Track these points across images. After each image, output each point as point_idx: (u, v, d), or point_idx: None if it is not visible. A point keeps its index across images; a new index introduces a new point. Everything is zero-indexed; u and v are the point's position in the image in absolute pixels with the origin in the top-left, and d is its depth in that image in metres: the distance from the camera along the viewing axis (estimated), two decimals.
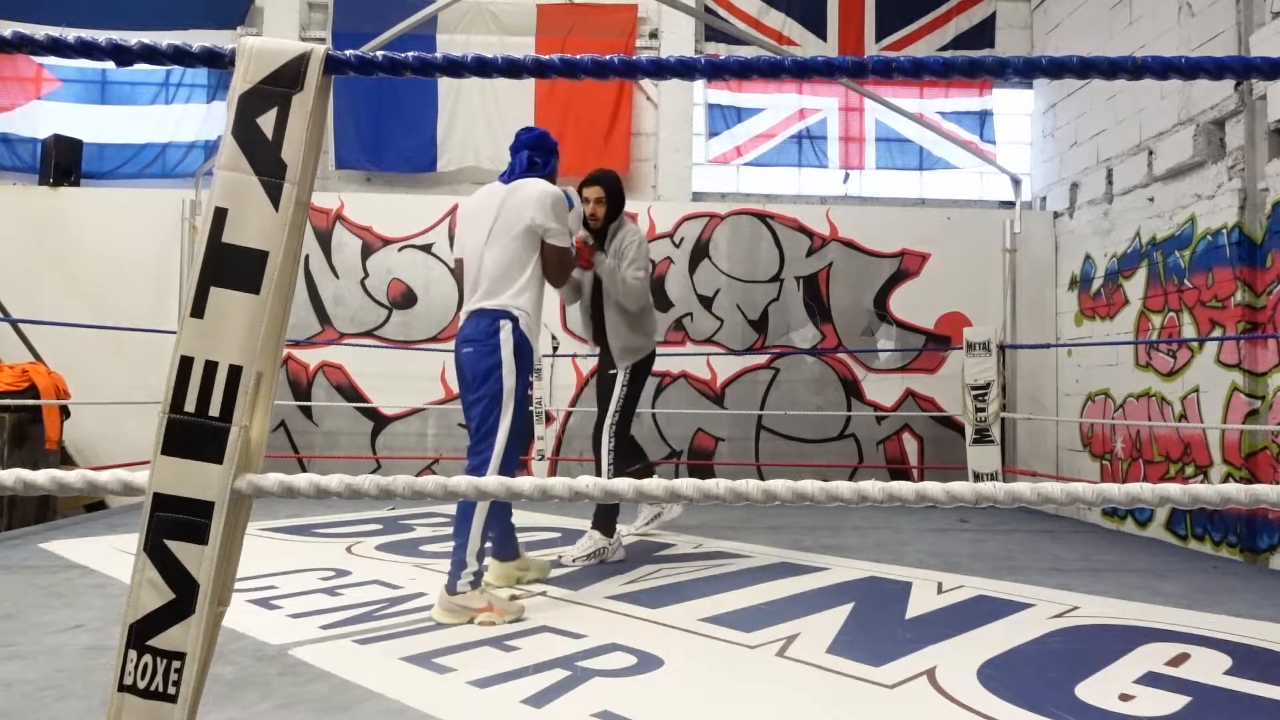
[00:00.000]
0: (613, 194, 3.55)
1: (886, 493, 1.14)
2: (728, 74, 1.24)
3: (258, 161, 1.16)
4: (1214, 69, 1.20)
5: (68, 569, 3.39)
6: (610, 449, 3.59)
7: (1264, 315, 4.34)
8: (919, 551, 4.02)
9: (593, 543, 3.61)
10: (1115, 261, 5.56)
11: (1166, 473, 4.91)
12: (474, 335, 2.83)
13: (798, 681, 2.18)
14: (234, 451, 1.13)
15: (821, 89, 6.90)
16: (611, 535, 3.64)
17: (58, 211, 6.21)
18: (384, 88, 6.56)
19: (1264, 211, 4.36)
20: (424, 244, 6.42)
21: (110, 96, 6.67)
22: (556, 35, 6.63)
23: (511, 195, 2.86)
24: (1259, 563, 4.20)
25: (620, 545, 3.71)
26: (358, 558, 3.67)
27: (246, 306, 1.15)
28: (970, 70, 1.25)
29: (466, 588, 2.66)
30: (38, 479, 1.14)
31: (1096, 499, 1.15)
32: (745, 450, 6.40)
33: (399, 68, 1.22)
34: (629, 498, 1.16)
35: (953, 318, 6.39)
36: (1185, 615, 2.92)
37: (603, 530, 3.63)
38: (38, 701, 1.94)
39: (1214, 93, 4.65)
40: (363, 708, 1.95)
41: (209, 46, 1.21)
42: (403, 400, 6.27)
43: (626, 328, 3.60)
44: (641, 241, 3.57)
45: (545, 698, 2.01)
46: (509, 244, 2.82)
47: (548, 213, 2.80)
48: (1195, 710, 2.01)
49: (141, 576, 1.11)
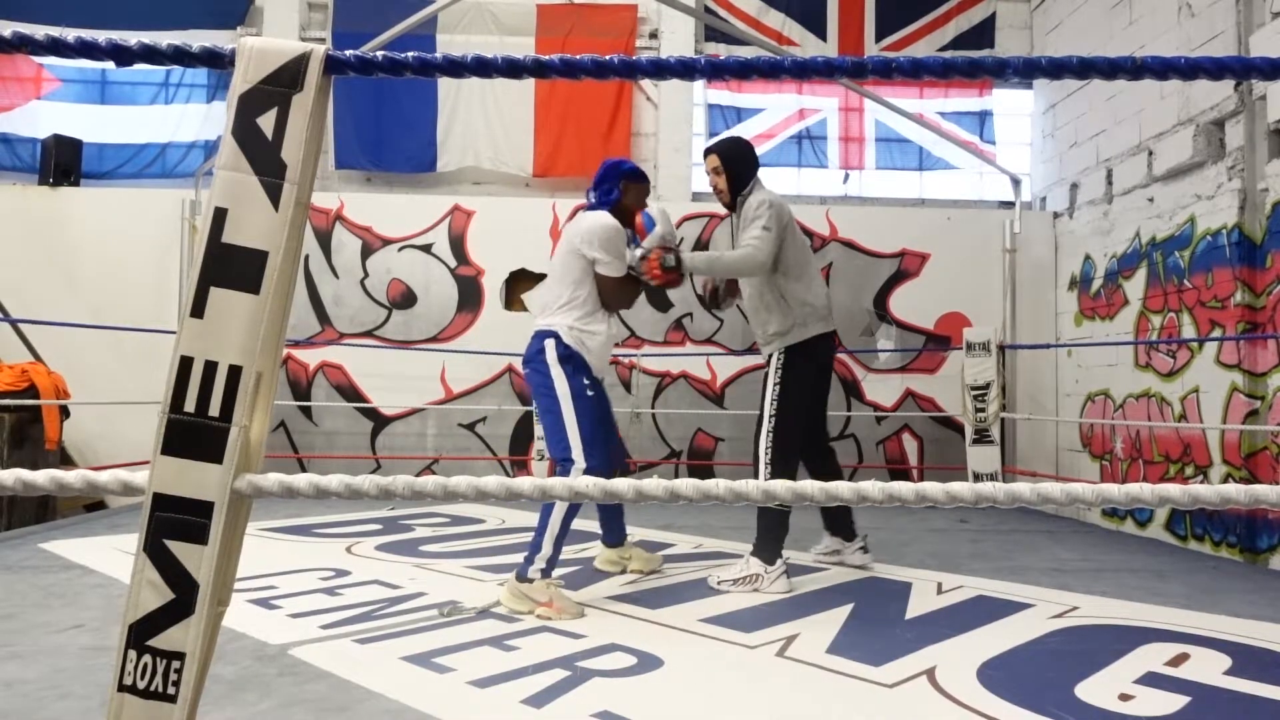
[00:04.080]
0: (731, 161, 3.25)
1: (886, 493, 1.14)
2: (728, 74, 1.24)
3: (258, 161, 1.16)
4: (1214, 69, 1.20)
5: (68, 569, 3.39)
6: (767, 461, 3.17)
7: (1264, 315, 4.34)
8: (919, 551, 4.02)
9: (746, 568, 3.18)
10: (1115, 262, 5.56)
11: (1166, 473, 4.91)
12: (527, 356, 3.05)
13: (798, 681, 2.18)
14: (234, 451, 1.13)
15: (821, 89, 6.90)
16: (772, 562, 3.16)
17: (57, 211, 6.21)
18: (384, 88, 6.56)
19: (1264, 212, 4.36)
20: (424, 244, 6.42)
21: (110, 96, 6.67)
22: (556, 35, 6.63)
23: (571, 226, 3.12)
24: (1259, 563, 4.20)
25: (782, 575, 3.16)
26: (357, 558, 3.67)
27: (246, 306, 1.14)
28: (970, 70, 1.25)
29: (536, 575, 2.78)
30: (37, 479, 1.14)
31: (1096, 499, 1.15)
32: (745, 450, 6.33)
33: (399, 68, 1.22)
34: (629, 498, 1.16)
35: (952, 318, 6.39)
36: (1185, 615, 2.92)
37: (762, 557, 3.17)
38: (38, 701, 1.94)
39: (1214, 93, 4.65)
40: (362, 708, 1.95)
41: (209, 46, 1.21)
42: (402, 400, 6.28)
43: (765, 309, 3.23)
44: (763, 202, 3.16)
45: (545, 698, 2.01)
46: (560, 269, 3.05)
47: (593, 243, 2.97)
48: (1195, 710, 2.01)
49: (141, 576, 1.11)
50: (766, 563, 3.16)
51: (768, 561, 3.16)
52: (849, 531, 3.54)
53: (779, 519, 3.21)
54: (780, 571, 3.16)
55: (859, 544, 3.54)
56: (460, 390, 6.34)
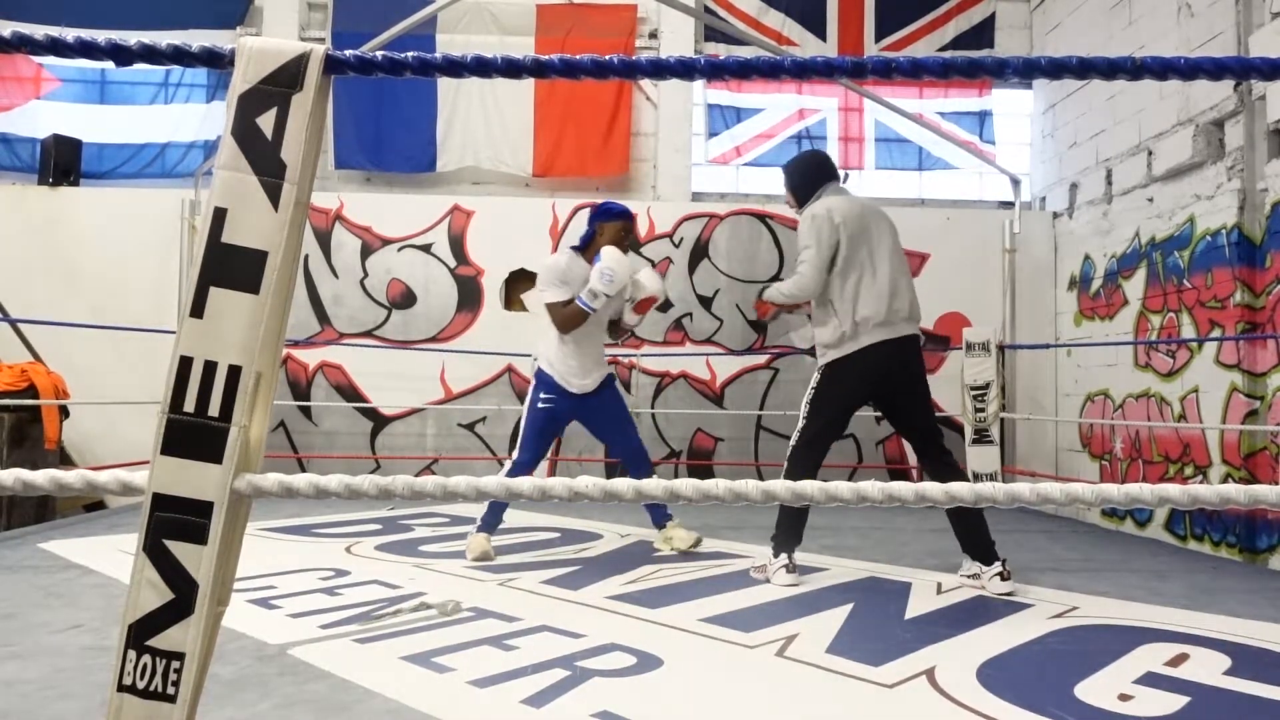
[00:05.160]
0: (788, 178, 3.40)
1: (886, 493, 1.15)
2: (727, 74, 1.25)
3: (257, 161, 1.16)
4: (1213, 69, 1.20)
5: (67, 569, 3.39)
6: (786, 458, 3.23)
7: (1263, 315, 4.35)
8: (919, 551, 4.02)
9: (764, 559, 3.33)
10: (1114, 262, 5.56)
11: (1166, 473, 4.91)
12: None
13: (797, 681, 2.18)
14: (233, 451, 1.13)
15: (821, 89, 6.90)
16: (778, 554, 3.25)
17: (57, 211, 6.21)
18: (384, 88, 6.55)
19: (1263, 212, 4.36)
20: (423, 244, 6.42)
21: (109, 96, 6.66)
22: (556, 35, 6.63)
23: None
24: (1258, 563, 4.20)
25: (784, 569, 3.22)
26: (357, 558, 3.67)
27: (246, 306, 1.15)
28: (970, 70, 1.25)
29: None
30: (37, 479, 1.14)
31: (1096, 499, 1.15)
32: (745, 450, 6.39)
33: (399, 68, 1.22)
34: (629, 498, 1.16)
35: (952, 318, 6.39)
36: (1184, 615, 2.93)
37: (772, 548, 3.28)
38: (37, 701, 1.94)
39: (1213, 93, 4.65)
40: (362, 707, 1.94)
41: (208, 46, 1.21)
42: (402, 400, 6.27)
43: (818, 322, 3.27)
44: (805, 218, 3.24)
45: (545, 697, 2.01)
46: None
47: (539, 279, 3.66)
48: (1194, 710, 2.01)
49: (141, 576, 1.11)
50: (773, 554, 3.27)
51: (774, 553, 3.27)
52: (985, 555, 3.20)
53: (793, 514, 3.26)
54: (782, 565, 3.22)
55: (996, 569, 3.15)
56: (460, 390, 6.34)
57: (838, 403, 3.25)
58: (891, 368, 3.21)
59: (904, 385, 3.26)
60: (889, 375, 3.22)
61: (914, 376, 3.28)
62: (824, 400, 3.23)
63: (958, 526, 3.21)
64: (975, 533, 3.20)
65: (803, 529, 3.29)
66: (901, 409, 3.31)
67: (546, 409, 3.66)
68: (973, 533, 3.20)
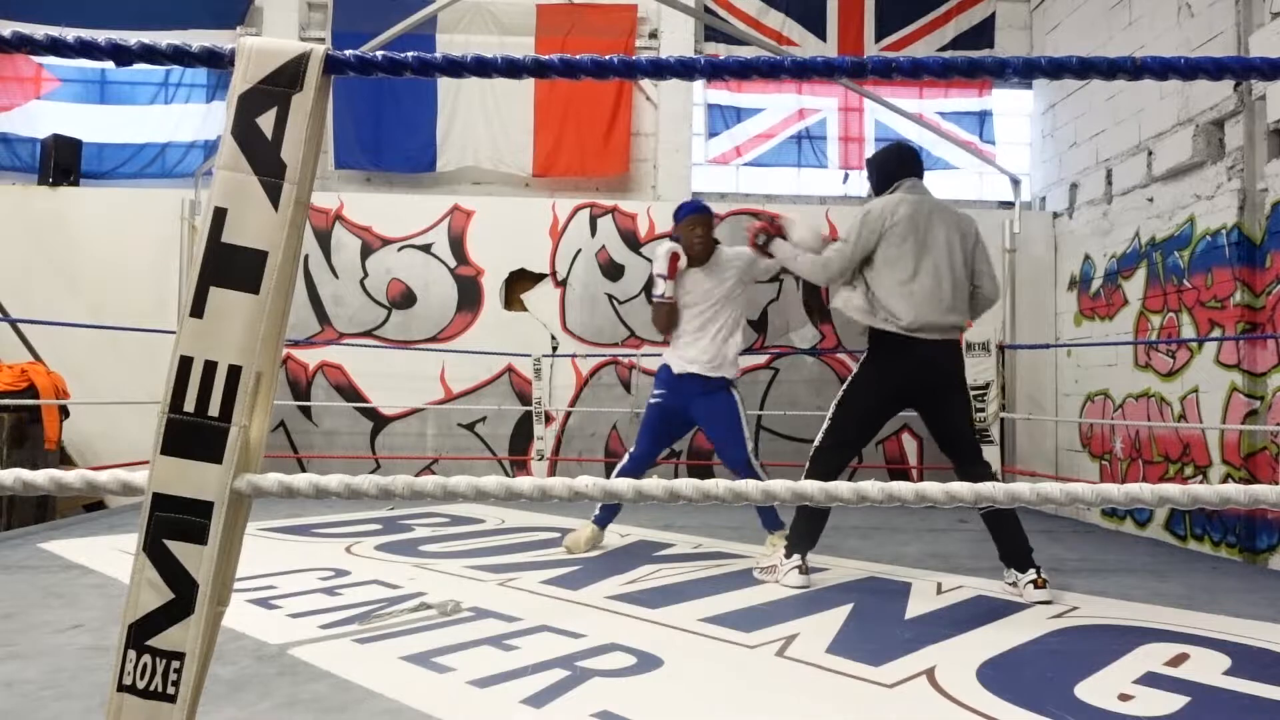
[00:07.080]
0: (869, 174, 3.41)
1: (886, 493, 1.14)
2: (727, 74, 1.24)
3: (257, 161, 1.16)
4: (1213, 69, 1.20)
5: (67, 569, 3.39)
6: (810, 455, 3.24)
7: (1263, 315, 4.35)
8: (919, 551, 4.02)
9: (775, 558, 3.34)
10: (1114, 262, 5.56)
11: (1166, 473, 4.91)
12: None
13: (797, 681, 2.18)
14: (233, 451, 1.13)
15: (821, 89, 6.90)
16: (790, 555, 3.23)
17: (57, 211, 6.21)
18: (384, 88, 6.55)
19: (1263, 212, 4.36)
20: (423, 244, 6.42)
21: (109, 96, 6.66)
22: (556, 35, 6.63)
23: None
24: (1258, 563, 4.20)
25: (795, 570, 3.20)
26: (357, 558, 3.67)
27: (246, 306, 1.14)
28: (970, 70, 1.25)
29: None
30: (37, 479, 1.14)
31: (1096, 499, 1.15)
32: None
33: (399, 68, 1.21)
34: (629, 498, 1.16)
35: None
36: (1184, 615, 2.93)
37: (785, 548, 3.29)
38: (37, 701, 1.94)
39: (1213, 93, 4.65)
40: (362, 707, 1.94)
41: (208, 46, 1.21)
42: (402, 400, 6.27)
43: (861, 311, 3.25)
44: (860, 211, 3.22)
45: (545, 698, 2.01)
46: None
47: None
48: (1194, 710, 2.01)
49: (141, 576, 1.11)
50: (785, 555, 3.27)
51: (787, 554, 3.26)
52: (1020, 561, 3.14)
53: (811, 515, 3.24)
54: (794, 565, 3.21)
55: (1030, 576, 3.09)
56: (460, 390, 6.34)
57: (862, 400, 3.21)
58: (923, 375, 3.16)
59: (934, 388, 3.19)
60: (914, 376, 3.16)
61: (946, 381, 3.21)
62: (851, 390, 3.22)
63: (994, 533, 3.17)
64: (1011, 540, 3.15)
65: (819, 533, 3.27)
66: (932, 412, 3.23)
67: (660, 400, 3.79)
68: (1007, 540, 3.15)
